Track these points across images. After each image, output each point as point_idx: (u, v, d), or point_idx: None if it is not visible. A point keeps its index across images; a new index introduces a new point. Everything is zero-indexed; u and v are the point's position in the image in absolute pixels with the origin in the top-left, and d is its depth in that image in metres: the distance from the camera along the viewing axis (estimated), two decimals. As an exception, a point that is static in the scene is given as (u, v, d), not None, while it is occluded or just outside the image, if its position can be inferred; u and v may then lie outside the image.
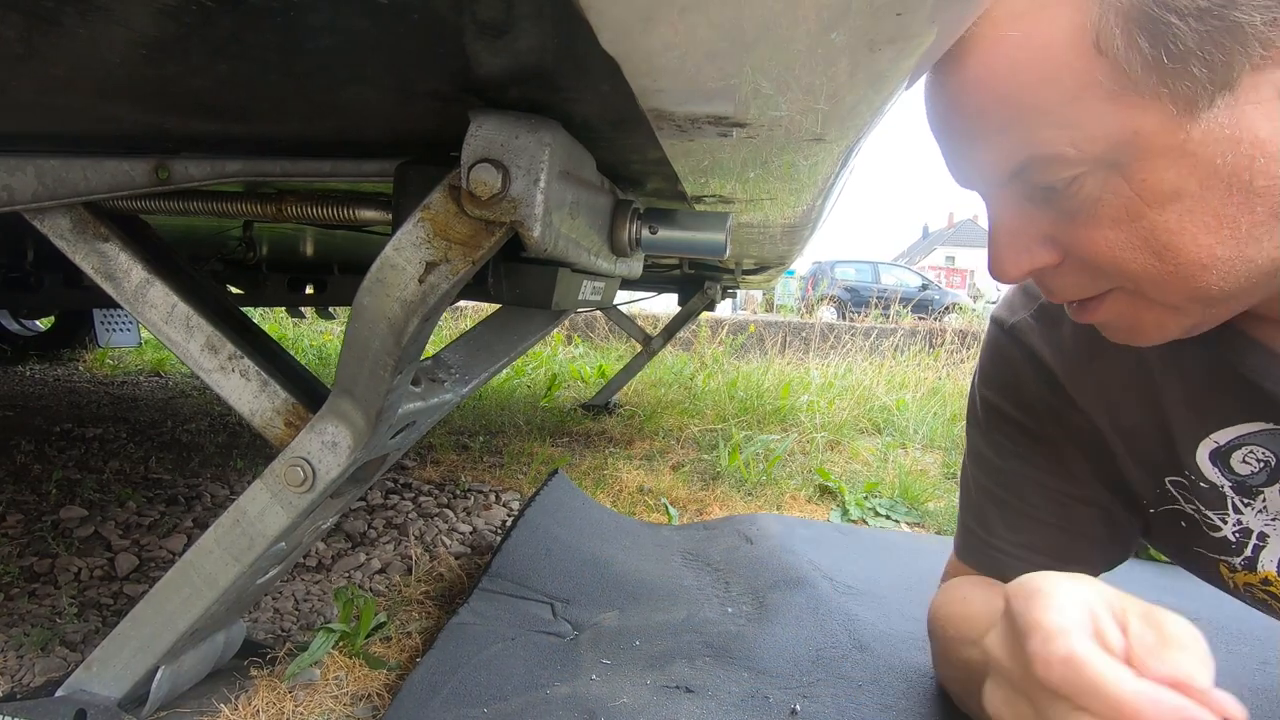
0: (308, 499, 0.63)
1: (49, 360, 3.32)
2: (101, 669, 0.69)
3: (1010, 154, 0.46)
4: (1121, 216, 0.45)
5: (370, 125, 0.55)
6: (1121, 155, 0.43)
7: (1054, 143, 0.44)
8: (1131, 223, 0.45)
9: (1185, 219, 0.44)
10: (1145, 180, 0.44)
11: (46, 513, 1.32)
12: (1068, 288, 0.52)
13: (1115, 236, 0.46)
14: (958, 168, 0.52)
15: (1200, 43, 0.40)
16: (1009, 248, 0.50)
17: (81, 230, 0.66)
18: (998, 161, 0.47)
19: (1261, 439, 0.56)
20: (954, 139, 0.50)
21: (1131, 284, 0.48)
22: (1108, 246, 0.47)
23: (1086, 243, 0.47)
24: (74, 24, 0.37)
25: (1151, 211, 0.44)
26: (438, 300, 0.50)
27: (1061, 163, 0.44)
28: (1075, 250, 0.49)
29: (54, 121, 0.57)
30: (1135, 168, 0.43)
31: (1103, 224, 0.46)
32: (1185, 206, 0.44)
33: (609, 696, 0.80)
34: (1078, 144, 0.43)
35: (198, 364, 0.65)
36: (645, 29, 0.32)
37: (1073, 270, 0.50)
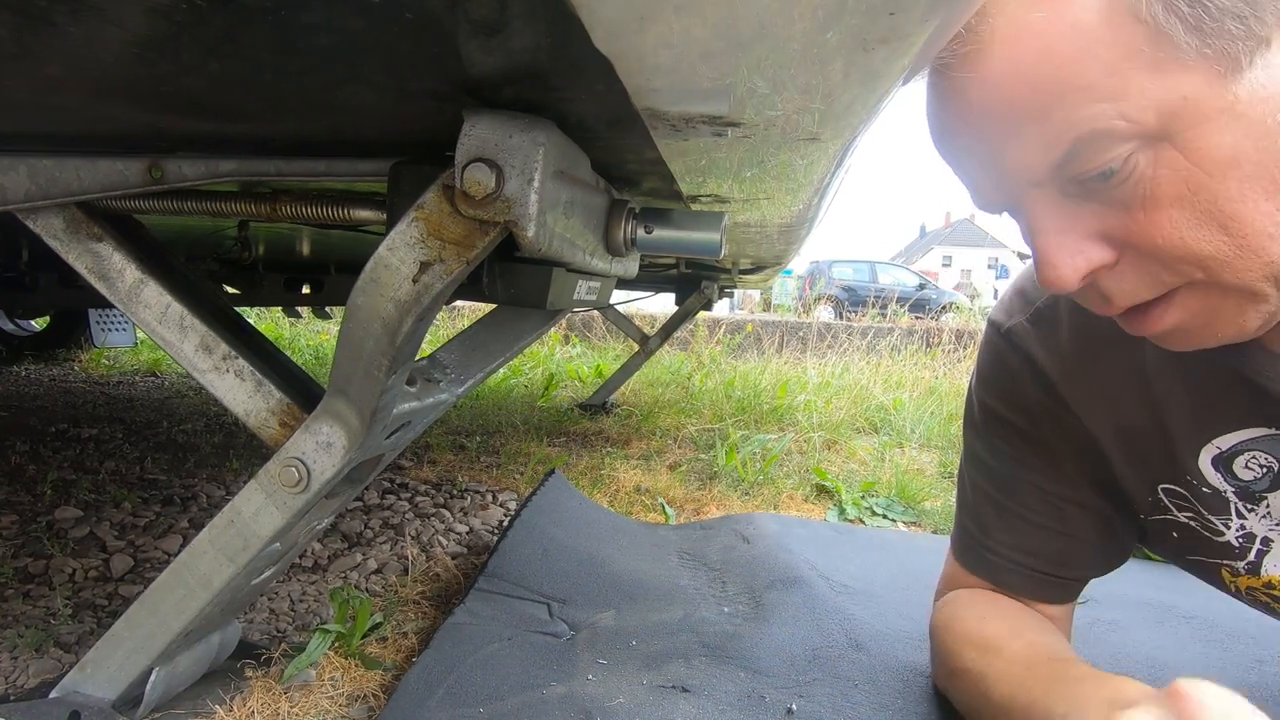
0: (303, 499, 0.63)
1: (44, 360, 3.31)
2: (96, 670, 0.69)
3: (1054, 141, 0.43)
4: (1182, 192, 0.43)
5: (365, 125, 0.55)
6: (1174, 124, 0.41)
7: (1102, 117, 0.42)
8: (1194, 196, 0.43)
9: (1246, 185, 0.42)
10: (1201, 148, 0.42)
11: (41, 513, 1.32)
12: (1130, 289, 0.47)
13: (1178, 216, 0.43)
14: (986, 178, 0.48)
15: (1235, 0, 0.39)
16: (1060, 250, 0.46)
17: (75, 230, 0.65)
18: (1038, 155, 0.44)
19: (1264, 444, 0.56)
20: (981, 145, 0.46)
21: (1202, 270, 0.45)
22: (1173, 228, 0.43)
23: (1148, 229, 0.44)
24: (66, 23, 0.37)
25: (1213, 181, 0.42)
26: (432, 300, 0.50)
27: (1112, 139, 0.42)
28: (1135, 242, 0.45)
29: (47, 121, 0.57)
30: (1189, 136, 0.42)
31: (1162, 204, 0.43)
32: (1245, 172, 0.42)
33: (605, 696, 0.80)
34: (1128, 115, 0.41)
35: (192, 364, 0.65)
36: (638, 28, 0.32)
37: (1133, 267, 0.46)
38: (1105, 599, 1.17)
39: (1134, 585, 1.25)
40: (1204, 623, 1.11)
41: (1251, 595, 0.64)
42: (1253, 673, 0.96)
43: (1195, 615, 1.13)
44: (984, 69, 0.43)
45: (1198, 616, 1.13)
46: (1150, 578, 1.29)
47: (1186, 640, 1.05)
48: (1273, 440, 0.56)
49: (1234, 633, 1.08)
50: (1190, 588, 1.09)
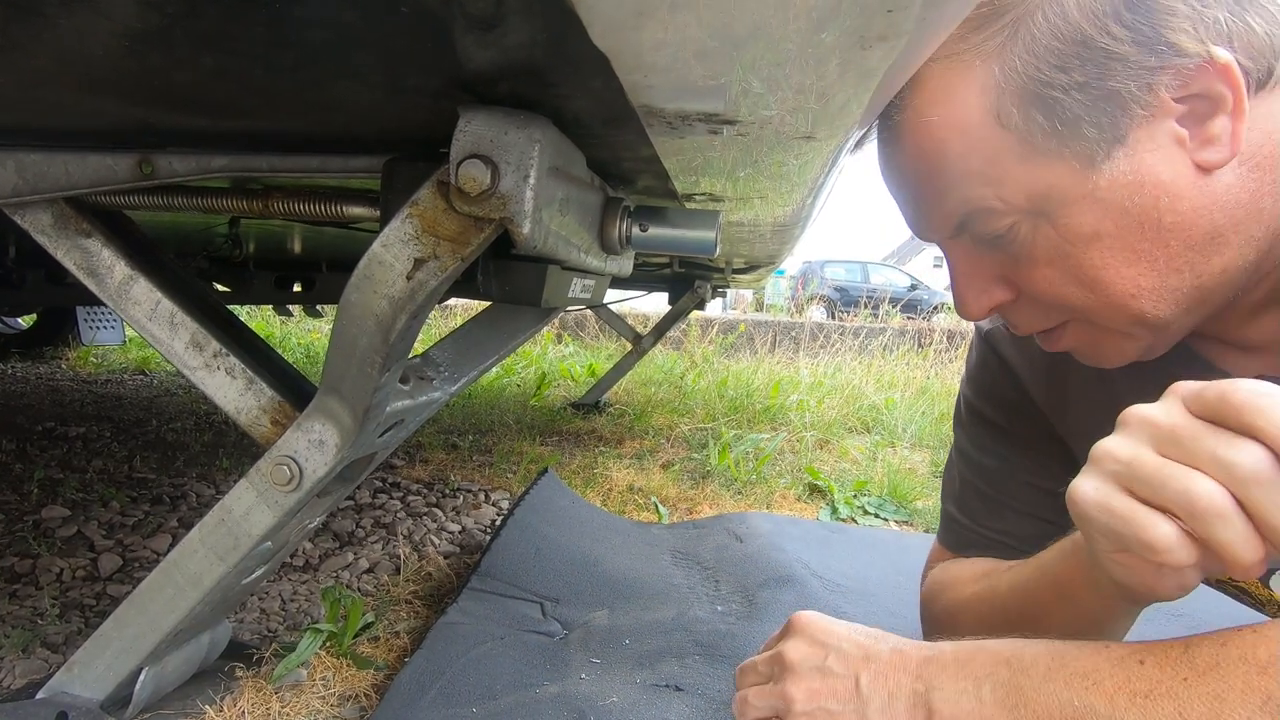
0: (294, 498, 0.62)
1: (31, 358, 3.28)
2: (84, 670, 0.68)
3: (951, 212, 0.53)
4: (1054, 256, 0.52)
5: (358, 120, 0.55)
6: (1043, 205, 0.50)
7: (984, 199, 0.51)
8: (1063, 261, 0.51)
9: (1107, 255, 0.50)
10: (1068, 225, 0.50)
11: (28, 513, 1.30)
12: (1027, 321, 0.58)
13: (1051, 274, 0.52)
14: (914, 224, 0.58)
15: (1086, 110, 0.47)
16: (968, 289, 0.57)
17: (63, 226, 0.64)
18: (942, 219, 0.55)
19: None
20: (904, 203, 0.58)
21: (1079, 314, 0.54)
22: (1047, 283, 0.53)
23: (1031, 280, 0.54)
24: (55, 14, 0.36)
25: (1076, 251, 0.51)
26: (426, 297, 0.49)
27: (993, 214, 0.52)
28: (1024, 287, 0.55)
29: (35, 115, 0.56)
30: (1057, 215, 0.50)
31: (1039, 264, 0.53)
32: (1105, 245, 0.50)
33: (598, 695, 0.80)
34: (1003, 198, 0.51)
35: (182, 361, 0.65)
36: (636, 24, 0.31)
37: (1027, 306, 0.57)
38: (1095, 597, 1.18)
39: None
40: (1191, 619, 1.12)
41: (1221, 588, 0.66)
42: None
43: (1182, 612, 1.14)
44: (901, 152, 0.54)
45: (1185, 614, 1.14)
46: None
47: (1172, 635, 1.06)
48: None
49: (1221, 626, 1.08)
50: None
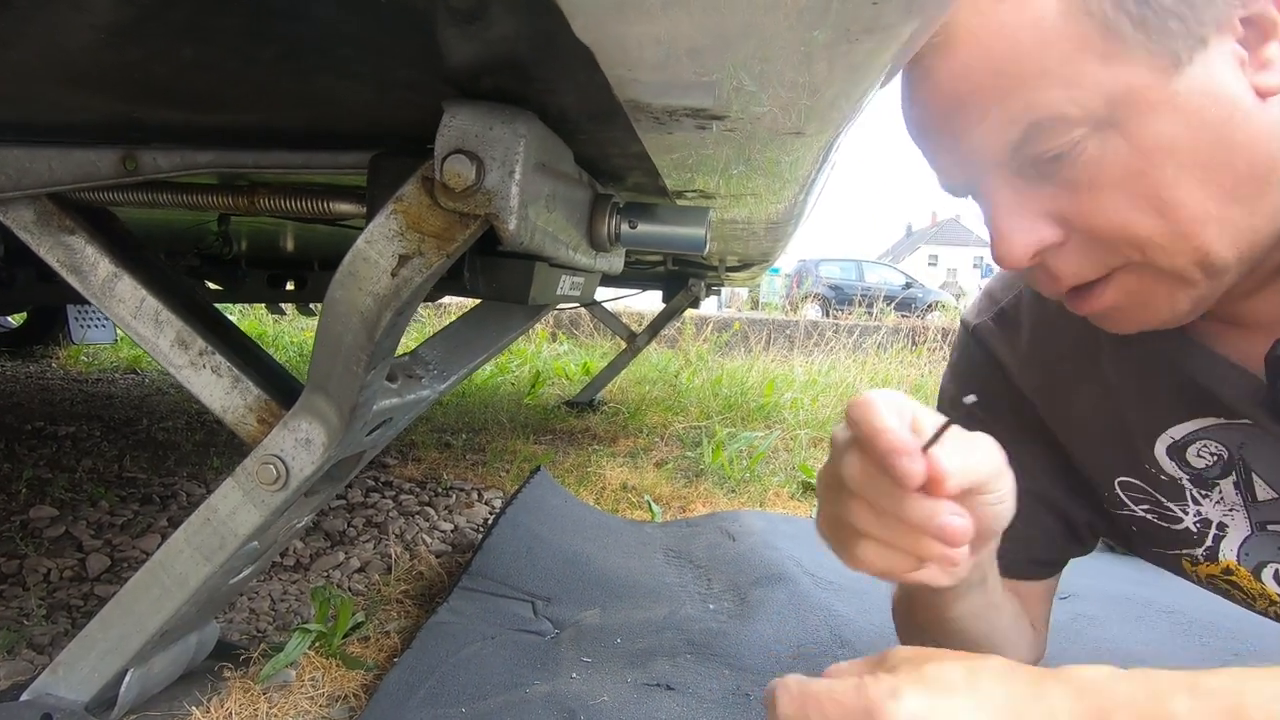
0: (281, 497, 0.62)
1: (21, 357, 3.25)
2: (68, 672, 0.67)
3: (1012, 123, 0.47)
4: (1123, 176, 0.46)
5: (343, 116, 0.54)
6: (1119, 112, 0.45)
7: (1056, 103, 0.45)
8: (1133, 181, 0.46)
9: (1181, 174, 0.46)
10: (1144, 134, 0.45)
11: (15, 512, 1.29)
12: (1075, 268, 0.51)
13: (1119, 199, 0.47)
14: (951, 159, 0.51)
15: (1175, 2, 0.44)
16: (1013, 228, 0.50)
17: (46, 222, 0.64)
18: (998, 136, 0.48)
19: (1213, 433, 0.58)
20: (948, 126, 0.50)
21: (1139, 252, 0.48)
22: (1114, 210, 0.47)
23: (1091, 210, 0.48)
24: (29, 7, 0.35)
25: (1151, 168, 0.46)
26: (411, 294, 0.49)
27: (1065, 123, 0.46)
28: (1080, 222, 0.49)
29: (14, 109, 0.55)
30: (1134, 123, 0.45)
31: (1106, 187, 0.47)
32: (1179, 160, 0.46)
33: (589, 695, 0.79)
34: (1078, 102, 0.45)
35: (168, 360, 0.64)
36: (619, 17, 0.31)
37: (1078, 248, 0.50)
38: (1085, 593, 1.18)
39: (1114, 580, 1.26)
40: (1183, 617, 1.12)
41: (1212, 583, 0.66)
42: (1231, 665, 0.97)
43: (1175, 609, 1.15)
44: (953, 56, 0.47)
45: (1177, 611, 1.14)
46: (1130, 573, 1.31)
47: (1165, 634, 1.06)
48: (1222, 429, 0.58)
49: (1212, 626, 1.09)
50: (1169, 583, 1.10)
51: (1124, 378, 0.62)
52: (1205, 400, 0.57)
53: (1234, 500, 0.60)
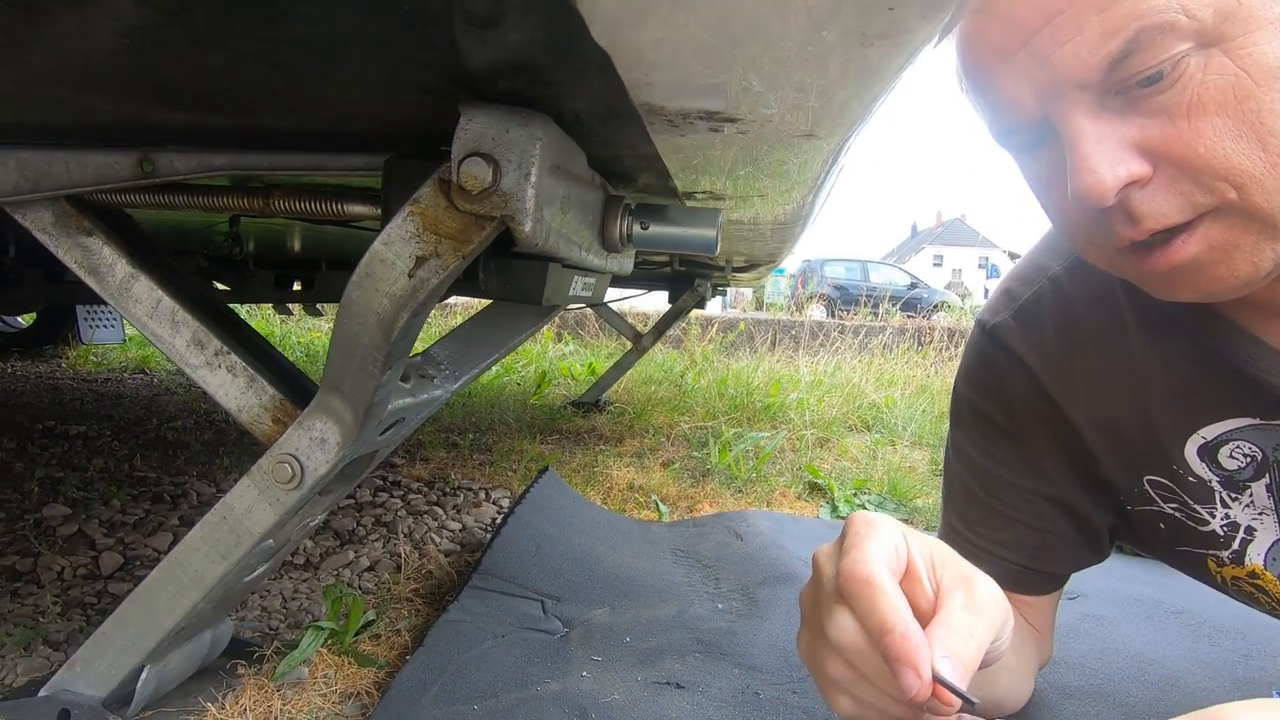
0: (295, 496, 0.62)
1: (31, 357, 3.27)
2: (85, 668, 0.68)
3: (1115, 31, 0.43)
4: (1228, 98, 0.43)
5: (359, 118, 0.55)
6: (1227, 27, 0.42)
7: (1166, 9, 0.42)
8: (1238, 104, 0.43)
9: None
10: (1251, 54, 0.42)
11: (29, 511, 1.31)
12: (1160, 209, 0.46)
13: (1221, 124, 0.43)
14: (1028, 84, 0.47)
15: None
16: (1098, 157, 0.45)
17: (64, 224, 0.65)
18: (1095, 47, 0.43)
19: (1248, 434, 0.57)
20: (1032, 42, 0.45)
21: (1235, 188, 0.44)
22: (1216, 136, 0.44)
23: (1190, 138, 0.44)
24: (55, 12, 0.36)
25: (1259, 89, 0.43)
26: (427, 295, 0.49)
27: (1171, 34, 0.42)
28: (1174, 154, 0.45)
29: (36, 112, 0.56)
30: (1240, 41, 0.42)
31: (1207, 111, 0.43)
32: None
33: (600, 693, 0.80)
34: (1188, 9, 0.41)
35: (184, 360, 0.65)
36: (638, 22, 0.31)
37: (1166, 186, 0.46)
38: (1095, 594, 1.18)
39: (1124, 581, 1.26)
40: (1193, 618, 1.12)
41: (1236, 586, 0.65)
42: (1240, 667, 0.97)
43: (1184, 610, 1.14)
44: None
45: (1186, 611, 1.14)
46: (1139, 573, 1.31)
47: (1175, 635, 1.06)
48: (1256, 430, 0.56)
49: (1222, 628, 1.09)
50: (1179, 584, 1.10)
51: (1156, 374, 0.60)
52: (1245, 398, 0.55)
53: (1265, 503, 0.59)
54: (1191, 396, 0.58)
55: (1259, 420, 0.56)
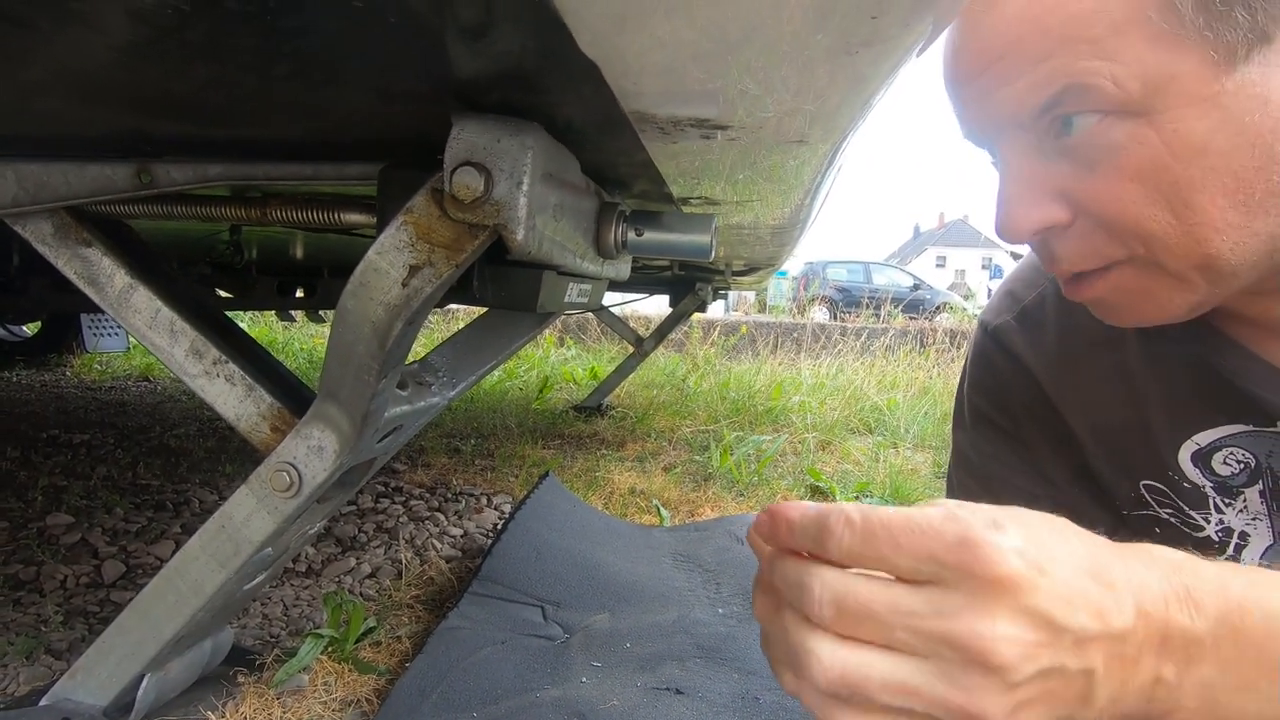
0: (294, 504, 0.63)
1: (36, 366, 3.29)
2: (86, 677, 0.68)
3: (1046, 83, 0.44)
4: (1145, 168, 0.44)
5: (353, 128, 0.55)
6: (1156, 100, 0.43)
7: (1094, 73, 0.43)
8: (1155, 175, 0.44)
9: (1208, 176, 0.43)
10: (1176, 130, 0.43)
11: (32, 520, 1.31)
12: (1075, 254, 0.49)
13: (1135, 190, 0.45)
14: (978, 112, 0.49)
15: None
16: (1021, 201, 0.48)
17: (64, 235, 0.65)
18: (1029, 94, 0.45)
19: (1242, 440, 0.57)
20: (981, 77, 0.47)
21: (1144, 247, 0.46)
22: (1129, 200, 0.45)
23: (1105, 197, 0.46)
24: (48, 28, 0.36)
25: (1177, 165, 0.43)
26: (421, 304, 0.50)
27: (1097, 96, 0.43)
28: (1091, 207, 0.47)
29: (33, 125, 0.57)
30: (1168, 116, 0.43)
31: (1124, 175, 0.45)
32: (1209, 163, 0.43)
33: (599, 699, 0.80)
34: (1117, 79, 0.42)
35: (182, 369, 0.65)
36: (623, 32, 0.32)
37: (1083, 234, 0.48)
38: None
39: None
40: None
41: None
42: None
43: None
44: (1004, 9, 0.45)
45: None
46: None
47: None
48: (1250, 436, 0.57)
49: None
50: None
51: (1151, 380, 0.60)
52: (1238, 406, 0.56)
53: (1258, 509, 0.59)
54: (1186, 403, 0.59)
55: (1252, 427, 0.56)
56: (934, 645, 0.31)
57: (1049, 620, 0.32)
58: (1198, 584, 0.35)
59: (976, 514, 0.33)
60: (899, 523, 0.32)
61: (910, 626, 0.32)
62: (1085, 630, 0.32)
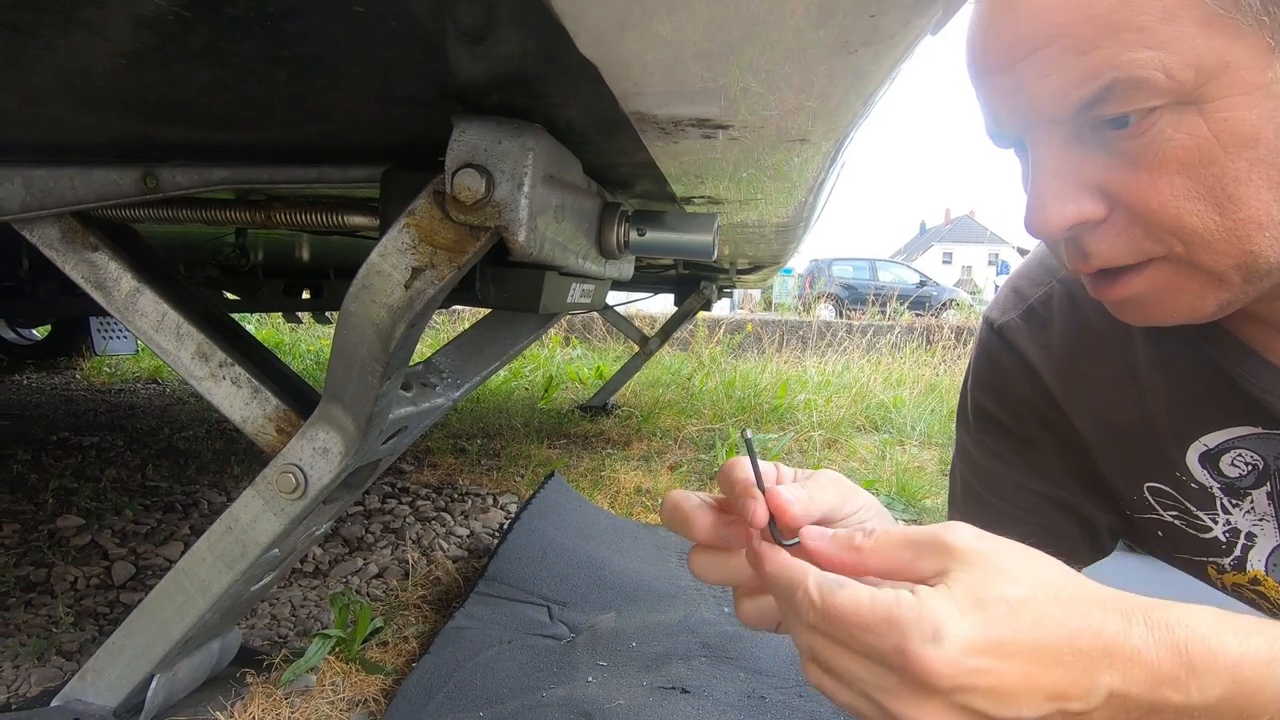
0: (300, 505, 0.63)
1: (46, 369, 3.32)
2: (96, 678, 0.69)
3: (1090, 77, 0.41)
4: (1192, 160, 0.42)
5: (355, 131, 0.55)
6: (1207, 89, 0.40)
7: (1145, 65, 0.40)
8: (1201, 168, 0.42)
9: (1255, 169, 0.41)
10: (1226, 120, 0.41)
11: (43, 522, 1.32)
12: (1109, 250, 0.46)
13: (1180, 184, 0.43)
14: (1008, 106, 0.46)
15: None
16: (1054, 195, 0.45)
17: (71, 240, 0.66)
18: (1071, 88, 0.42)
19: (1250, 443, 0.56)
20: (1015, 69, 0.44)
21: (1183, 244, 0.44)
22: (1171, 194, 0.43)
23: (1146, 191, 0.43)
24: (52, 36, 0.37)
25: (1225, 156, 0.41)
26: (424, 306, 0.50)
27: (1146, 90, 0.41)
28: (1129, 201, 0.44)
29: (39, 131, 0.57)
30: (1218, 105, 0.41)
31: (1169, 168, 0.42)
32: (1258, 155, 0.41)
33: (605, 698, 0.80)
34: (1168, 68, 0.40)
35: (189, 372, 0.65)
36: (622, 34, 0.32)
37: (1118, 229, 0.46)
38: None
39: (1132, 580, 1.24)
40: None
41: (1238, 592, 0.64)
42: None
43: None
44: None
45: (1199, 611, 1.13)
46: (1149, 573, 1.29)
47: (1188, 635, 1.05)
48: (1258, 439, 0.56)
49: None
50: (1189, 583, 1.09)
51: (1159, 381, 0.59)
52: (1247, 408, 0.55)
53: (1265, 510, 0.58)
54: (1194, 404, 0.58)
55: (1261, 429, 0.56)
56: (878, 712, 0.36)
57: (983, 715, 0.34)
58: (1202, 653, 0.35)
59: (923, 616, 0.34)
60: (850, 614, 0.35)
61: (861, 691, 0.36)
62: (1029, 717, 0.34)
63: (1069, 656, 0.34)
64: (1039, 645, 0.34)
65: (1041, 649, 0.34)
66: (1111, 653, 0.35)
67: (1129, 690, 0.35)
